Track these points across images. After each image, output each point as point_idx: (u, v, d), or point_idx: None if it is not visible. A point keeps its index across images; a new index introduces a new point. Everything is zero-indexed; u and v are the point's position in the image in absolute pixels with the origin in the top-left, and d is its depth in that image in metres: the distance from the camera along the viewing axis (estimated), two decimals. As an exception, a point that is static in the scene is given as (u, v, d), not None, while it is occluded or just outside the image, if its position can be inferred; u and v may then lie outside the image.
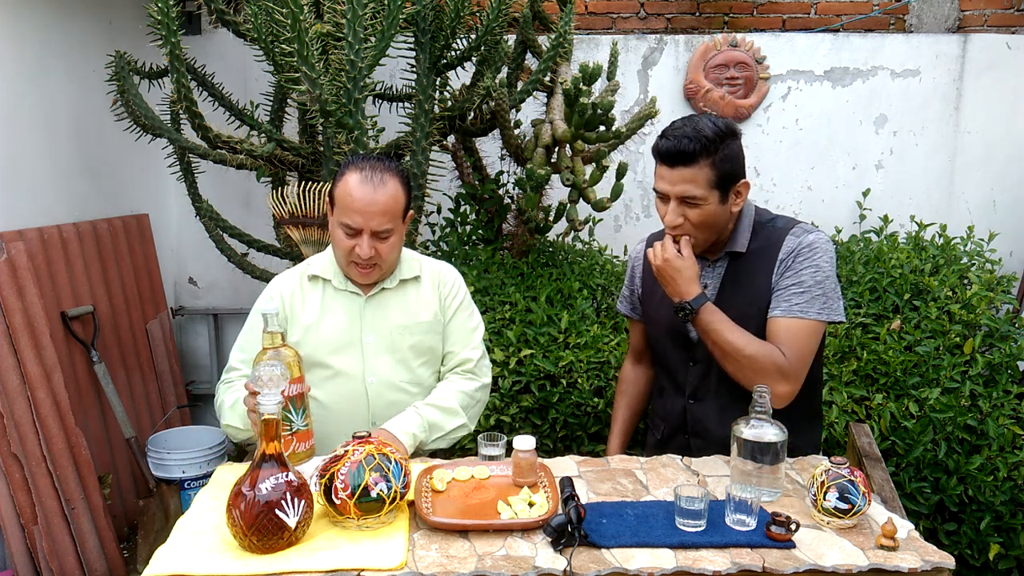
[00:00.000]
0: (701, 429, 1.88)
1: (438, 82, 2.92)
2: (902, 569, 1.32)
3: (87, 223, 3.15)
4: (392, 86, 3.27)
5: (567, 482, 1.53)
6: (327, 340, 1.83)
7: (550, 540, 1.38)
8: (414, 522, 1.47)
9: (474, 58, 2.98)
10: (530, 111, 3.50)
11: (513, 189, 3.32)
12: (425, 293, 1.92)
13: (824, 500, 1.44)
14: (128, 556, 3.05)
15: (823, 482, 1.45)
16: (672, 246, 1.77)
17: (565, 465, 1.76)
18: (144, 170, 3.61)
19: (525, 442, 1.59)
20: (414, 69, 2.81)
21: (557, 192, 3.23)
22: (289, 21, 2.26)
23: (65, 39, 3.11)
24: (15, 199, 2.83)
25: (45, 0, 2.99)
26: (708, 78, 3.72)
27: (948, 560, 1.34)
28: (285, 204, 2.61)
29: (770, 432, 1.52)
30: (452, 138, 3.26)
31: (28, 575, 2.58)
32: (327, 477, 1.41)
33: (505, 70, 3.14)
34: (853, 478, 1.44)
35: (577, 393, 2.55)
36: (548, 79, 3.08)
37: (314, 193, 2.58)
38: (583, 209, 3.09)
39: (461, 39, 2.92)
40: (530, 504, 1.51)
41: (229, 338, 4.04)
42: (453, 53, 2.90)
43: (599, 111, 2.71)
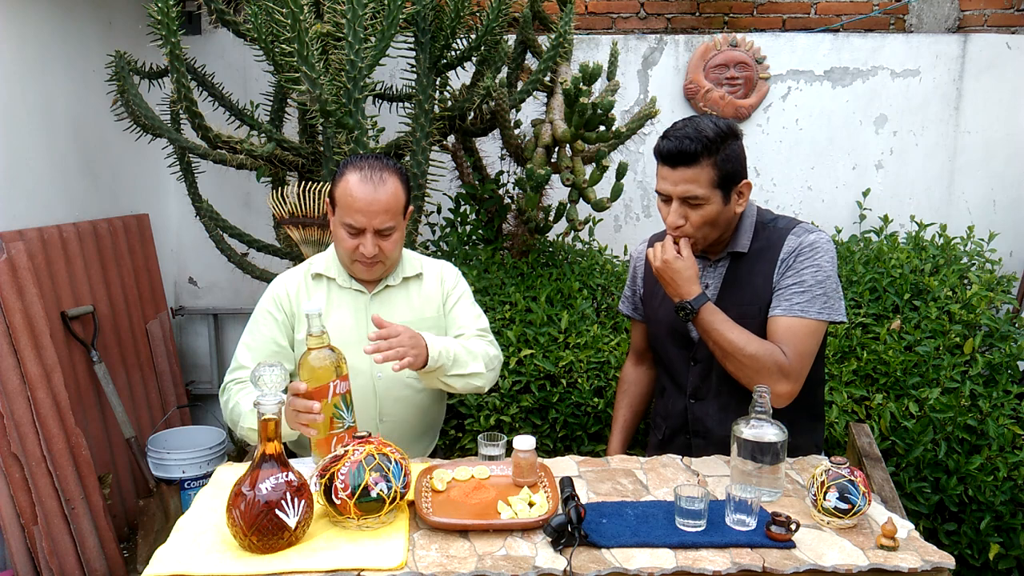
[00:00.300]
0: (702, 429, 1.88)
1: (438, 82, 2.92)
2: (902, 569, 1.32)
3: (87, 223, 3.15)
4: (392, 86, 3.27)
5: (567, 482, 1.53)
6: (334, 337, 1.84)
7: (550, 540, 1.38)
8: (414, 522, 1.47)
9: (474, 58, 2.98)
10: (530, 111, 3.50)
11: (513, 189, 3.32)
12: (428, 289, 1.94)
13: (824, 500, 1.44)
14: (128, 556, 3.05)
15: (823, 482, 1.45)
16: (672, 247, 1.77)
17: (565, 465, 1.76)
18: (144, 170, 3.61)
19: (525, 442, 1.59)
20: (414, 69, 2.81)
21: (557, 192, 3.24)
22: (289, 21, 2.26)
23: (65, 39, 3.11)
24: (15, 199, 2.83)
25: (45, 0, 2.99)
26: (708, 78, 3.72)
27: (948, 560, 1.34)
28: (285, 204, 2.61)
29: (770, 432, 1.52)
30: (452, 138, 3.26)
31: (28, 575, 2.58)
32: (327, 477, 1.41)
33: (505, 70, 3.13)
34: (853, 478, 1.44)
35: (577, 393, 2.55)
36: (548, 79, 3.08)
37: (314, 193, 2.58)
38: (583, 209, 3.09)
39: (461, 39, 2.92)
40: (530, 504, 1.51)
41: (229, 338, 4.04)
42: (453, 53, 2.90)
43: (599, 111, 2.71)
